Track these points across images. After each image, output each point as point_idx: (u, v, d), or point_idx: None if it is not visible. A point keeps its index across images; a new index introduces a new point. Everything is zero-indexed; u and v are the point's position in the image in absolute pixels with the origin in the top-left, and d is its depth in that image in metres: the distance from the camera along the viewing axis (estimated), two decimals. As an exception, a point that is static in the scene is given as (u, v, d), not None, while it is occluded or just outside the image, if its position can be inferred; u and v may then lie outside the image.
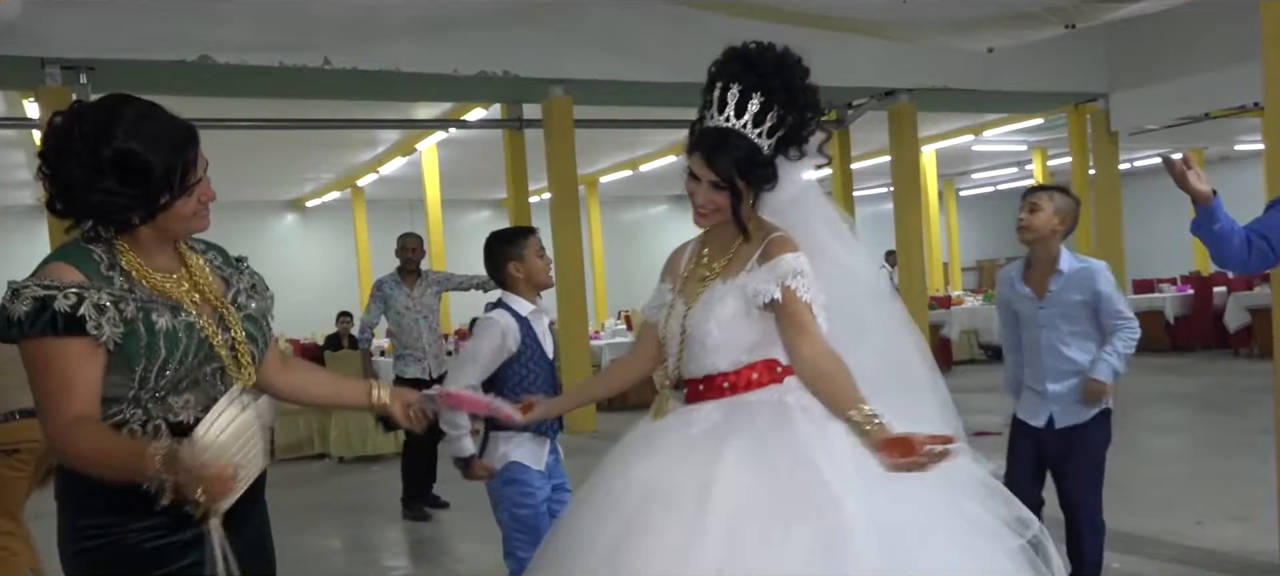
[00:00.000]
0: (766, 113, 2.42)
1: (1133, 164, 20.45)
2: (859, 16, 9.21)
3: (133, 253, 2.03)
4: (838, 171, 13.23)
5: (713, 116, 2.45)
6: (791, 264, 2.41)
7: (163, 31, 8.32)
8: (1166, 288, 15.64)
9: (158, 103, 2.03)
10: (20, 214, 17.69)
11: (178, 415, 2.02)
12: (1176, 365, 12.90)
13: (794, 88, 2.46)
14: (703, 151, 2.44)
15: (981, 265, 25.63)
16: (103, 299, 1.93)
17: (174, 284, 2.07)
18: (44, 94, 8.47)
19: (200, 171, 2.04)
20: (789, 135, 2.47)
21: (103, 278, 1.98)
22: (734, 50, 2.48)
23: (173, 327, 1.99)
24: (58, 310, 1.88)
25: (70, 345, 1.90)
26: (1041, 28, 9.04)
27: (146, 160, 1.94)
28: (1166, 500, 6.03)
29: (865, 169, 17.17)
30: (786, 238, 2.47)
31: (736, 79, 2.42)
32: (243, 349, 2.11)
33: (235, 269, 2.24)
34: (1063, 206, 4.02)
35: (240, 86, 9.33)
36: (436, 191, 15.41)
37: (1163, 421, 9.26)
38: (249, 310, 2.17)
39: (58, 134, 1.95)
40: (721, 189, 2.44)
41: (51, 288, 1.90)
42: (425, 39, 9.21)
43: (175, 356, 1.98)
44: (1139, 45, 12.36)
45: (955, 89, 11.96)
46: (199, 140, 2.04)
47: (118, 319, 1.93)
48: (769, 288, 2.40)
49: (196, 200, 2.04)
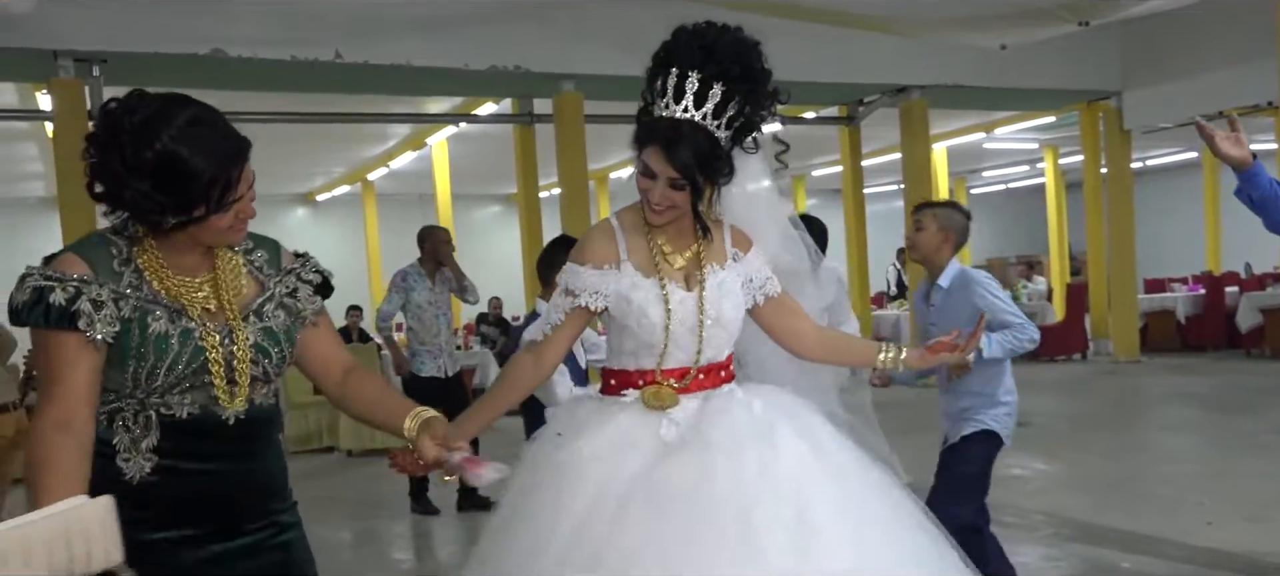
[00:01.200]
0: (727, 104, 2.28)
1: (1145, 162, 20.37)
2: (871, 12, 9.18)
3: (155, 250, 1.98)
4: (848, 168, 13.22)
5: (668, 106, 2.28)
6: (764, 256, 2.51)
7: (175, 25, 8.33)
8: (1178, 287, 15.58)
9: (217, 111, 1.94)
10: (32, 206, 17.73)
11: (173, 411, 1.98)
12: (1187, 365, 12.86)
13: (754, 76, 2.33)
14: (660, 145, 2.27)
15: (992, 264, 25.49)
16: (102, 295, 1.90)
17: (192, 287, 2.00)
18: (56, 86, 8.50)
19: (243, 188, 1.95)
20: (745, 124, 2.35)
21: (112, 273, 1.94)
22: (688, 32, 2.32)
23: (165, 333, 1.94)
24: (52, 303, 1.87)
25: (63, 338, 1.88)
26: (1055, 24, 9.01)
27: (190, 168, 1.87)
28: (1176, 500, 6.01)
29: (876, 166, 17.13)
30: (739, 227, 2.50)
31: (695, 67, 2.26)
32: (242, 367, 2.01)
33: (278, 271, 2.15)
34: (948, 222, 3.98)
35: (252, 80, 9.34)
36: (447, 186, 15.40)
37: (1173, 421, 9.22)
38: (271, 323, 2.08)
39: (108, 122, 1.89)
40: (680, 187, 2.29)
41: (52, 279, 1.89)
42: (436, 33, 9.21)
43: (165, 363, 1.93)
44: (1152, 43, 12.31)
45: (967, 86, 11.92)
46: (248, 156, 1.96)
47: (114, 316, 1.90)
48: (772, 280, 2.48)
49: (234, 215, 1.96)
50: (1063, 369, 13.45)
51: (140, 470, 1.97)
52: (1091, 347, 14.39)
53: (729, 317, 2.42)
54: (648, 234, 2.44)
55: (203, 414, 2.00)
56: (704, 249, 2.44)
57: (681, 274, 2.41)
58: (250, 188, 1.98)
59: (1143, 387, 11.51)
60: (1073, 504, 6.02)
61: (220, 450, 2.02)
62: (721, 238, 2.47)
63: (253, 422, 2.06)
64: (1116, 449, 7.90)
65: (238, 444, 2.04)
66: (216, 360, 1.98)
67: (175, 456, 1.98)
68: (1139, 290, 14.56)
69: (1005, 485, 6.68)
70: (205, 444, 2.01)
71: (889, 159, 15.90)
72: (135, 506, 1.91)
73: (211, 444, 2.01)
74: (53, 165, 9.78)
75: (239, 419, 2.03)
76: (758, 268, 2.48)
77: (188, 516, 2.00)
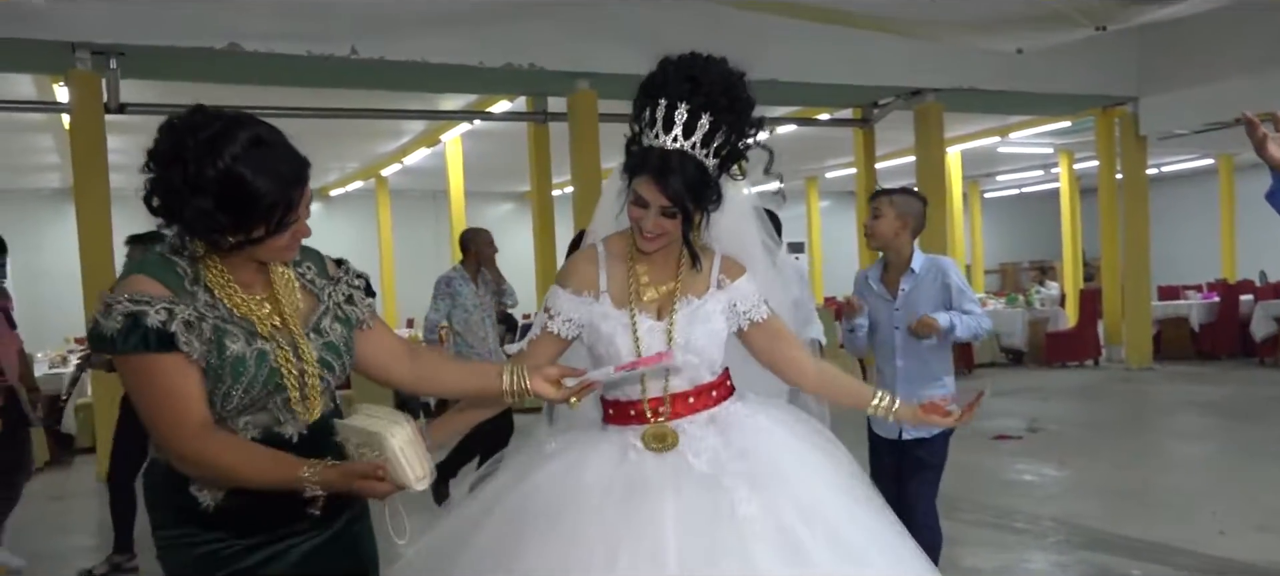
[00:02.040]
0: (715, 133, 2.32)
1: (1160, 168, 20.29)
2: (886, 14, 9.17)
3: (220, 267, 1.97)
4: (862, 171, 13.19)
5: (658, 136, 2.33)
6: (757, 286, 2.53)
7: (192, 18, 8.36)
8: (1192, 295, 15.51)
9: (280, 131, 1.94)
10: (47, 197, 17.84)
11: (241, 435, 1.98)
12: (1201, 373, 12.79)
13: (739, 105, 2.36)
14: (652, 175, 2.32)
15: (1005, 268, 25.47)
16: (190, 315, 1.89)
17: (256, 304, 2.00)
18: (74, 78, 8.54)
19: (302, 210, 1.95)
20: (731, 153, 2.40)
21: (186, 293, 1.92)
22: (674, 63, 2.37)
23: (243, 355, 1.93)
24: (149, 326, 1.84)
25: (165, 360, 1.86)
26: (1072, 29, 8.98)
27: (253, 190, 1.85)
28: (1188, 508, 5.98)
29: (890, 169, 17.09)
30: (731, 257, 2.53)
31: (683, 98, 2.31)
32: (313, 381, 2.02)
33: (329, 280, 2.16)
34: (905, 209, 4.01)
35: (267, 75, 9.37)
36: (460, 183, 15.43)
37: (1186, 429, 9.18)
38: (331, 337, 2.08)
39: (170, 137, 1.87)
40: (672, 215, 2.34)
41: (141, 302, 1.85)
42: (451, 30, 9.22)
43: (241, 384, 1.93)
44: (1170, 48, 12.25)
45: (982, 89, 11.88)
46: (309, 178, 1.95)
47: (203, 336, 1.90)
48: (759, 304, 2.49)
49: (291, 235, 1.96)
50: (1075, 375, 13.40)
51: (215, 498, 1.97)
52: (1104, 354, 14.34)
53: (700, 345, 2.43)
54: (630, 263, 2.49)
55: (265, 435, 1.99)
56: (685, 280, 2.47)
57: (654, 306, 2.45)
58: (307, 207, 1.97)
59: (1155, 395, 11.46)
60: (1083, 510, 6.00)
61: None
62: (710, 266, 2.49)
63: (313, 438, 2.05)
64: (1128, 456, 7.87)
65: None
66: (292, 377, 1.99)
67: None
68: (1153, 297, 14.49)
69: (1016, 490, 6.66)
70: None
71: (903, 162, 15.87)
72: (211, 529, 1.98)
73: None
74: (69, 157, 9.83)
75: (302, 436, 2.03)
76: (745, 293, 2.50)
77: (261, 526, 2.01)
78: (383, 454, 1.84)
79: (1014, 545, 5.39)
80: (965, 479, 6.86)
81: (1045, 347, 14.46)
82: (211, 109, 1.91)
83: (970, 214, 22.76)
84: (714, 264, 2.50)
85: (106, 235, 8.45)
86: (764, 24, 9.60)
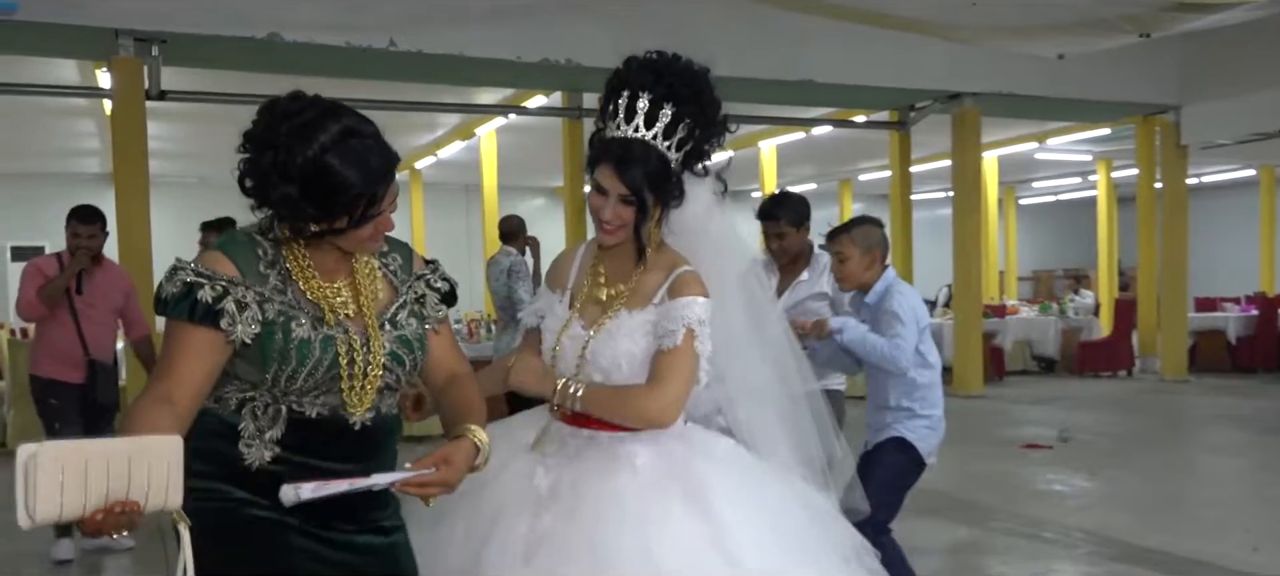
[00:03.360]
0: (677, 124, 2.31)
1: (1200, 178, 20.03)
2: (926, 17, 9.10)
3: (302, 252, 2.00)
4: (897, 174, 13.11)
5: (619, 126, 2.33)
6: (700, 311, 2.32)
7: (234, 7, 8.46)
8: (1230, 307, 15.31)
9: (372, 123, 1.95)
10: (87, 181, 18.05)
11: (304, 410, 2.01)
12: (1237, 386, 12.62)
13: (703, 100, 2.34)
14: (612, 163, 2.30)
15: (1038, 275, 25.25)
16: (247, 297, 1.92)
17: (333, 291, 2.03)
18: (116, 65, 8.66)
19: (386, 203, 1.96)
20: (695, 150, 2.37)
21: (258, 275, 1.96)
22: (639, 59, 2.36)
23: (308, 339, 1.95)
24: (200, 299, 1.89)
25: (197, 334, 1.90)
26: (1116, 35, 8.87)
27: (339, 180, 1.87)
28: (1221, 523, 5.90)
29: (925, 172, 16.99)
30: (696, 276, 2.37)
31: (646, 89, 2.30)
32: (375, 375, 2.03)
33: (411, 276, 2.17)
34: (867, 240, 3.82)
35: (306, 65, 9.44)
36: (494, 177, 15.49)
37: (1221, 443, 9.06)
38: (405, 330, 2.09)
39: (267, 121, 1.90)
40: (630, 203, 2.31)
41: (203, 276, 1.91)
42: (490, 24, 9.26)
43: (305, 368, 1.96)
44: (1213, 57, 12.09)
45: (1021, 95, 11.79)
46: (395, 173, 1.97)
47: (257, 318, 1.92)
48: (677, 330, 2.30)
49: (374, 227, 1.97)
50: (1108, 385, 13.27)
51: (261, 458, 2.00)
52: (1138, 364, 14.18)
53: (604, 365, 2.34)
54: (593, 262, 2.47)
55: (331, 415, 2.02)
56: (637, 287, 2.39)
57: (598, 309, 2.40)
58: (392, 201, 1.98)
59: (1190, 407, 11.32)
60: (1114, 522, 5.93)
61: (341, 452, 2.04)
62: (660, 276, 2.38)
63: (376, 430, 2.07)
64: (1161, 468, 7.78)
65: (358, 448, 2.06)
66: (347, 366, 2.00)
67: (296, 451, 2.01)
68: (1189, 308, 14.31)
69: (1047, 500, 6.61)
70: (329, 444, 2.03)
71: (939, 166, 15.77)
72: (249, 487, 1.99)
73: (334, 445, 2.03)
74: (109, 142, 9.95)
75: (365, 425, 2.05)
76: (675, 316, 2.31)
77: (296, 507, 1.98)
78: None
79: (1043, 555, 5.35)
80: (995, 487, 6.81)
81: (1078, 357, 14.33)
82: (310, 96, 1.93)
83: (1005, 220, 22.59)
84: (668, 278, 2.37)
85: (145, 220, 8.56)
86: (803, 24, 9.56)
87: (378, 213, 1.95)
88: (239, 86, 10.07)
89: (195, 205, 19.39)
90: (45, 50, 9.29)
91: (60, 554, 5.44)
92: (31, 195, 17.64)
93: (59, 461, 1.56)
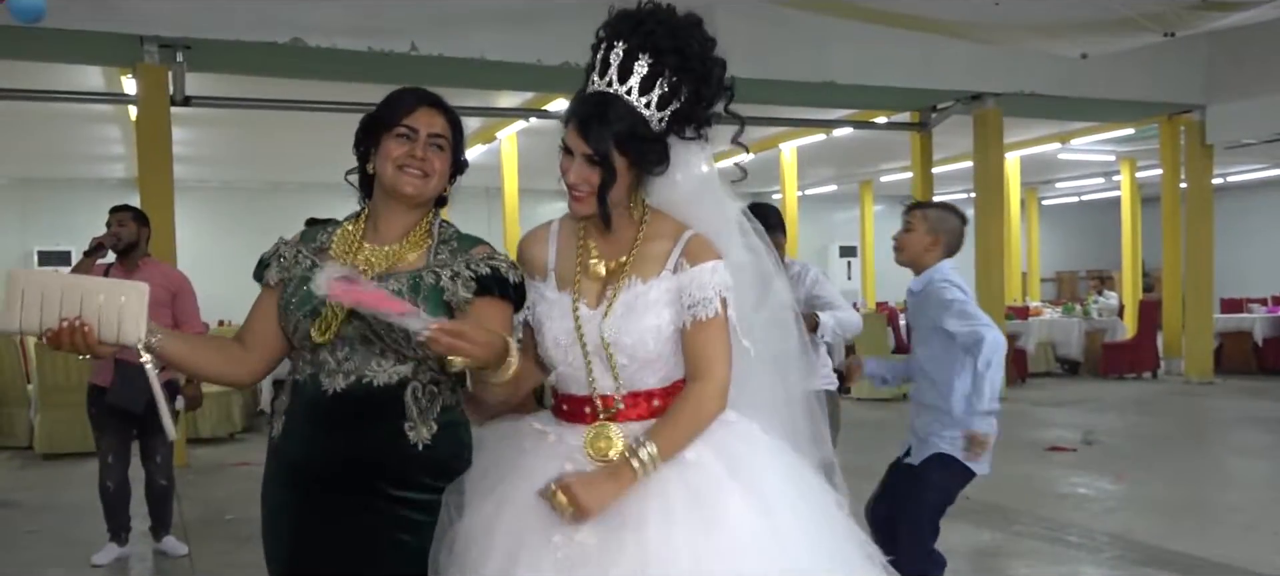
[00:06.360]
0: (655, 78, 2.02)
1: (1225, 178, 19.87)
2: (948, 17, 9.07)
3: (360, 222, 2.21)
4: (919, 175, 13.06)
5: (594, 82, 2.08)
6: (726, 276, 2.07)
7: (257, 13, 8.52)
8: (1257, 308, 15.18)
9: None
10: (113, 186, 18.17)
11: (298, 374, 2.13)
12: (1264, 388, 12.51)
13: (689, 53, 2.04)
14: (577, 120, 2.05)
15: (1061, 277, 25.07)
16: (285, 253, 2.19)
17: (363, 252, 2.15)
18: (141, 71, 8.73)
19: (412, 120, 2.14)
20: (684, 110, 2.07)
21: (314, 240, 2.21)
22: (622, 10, 2.09)
23: (311, 283, 1.98)
24: (260, 259, 2.22)
25: (261, 292, 2.21)
26: (1139, 34, 8.80)
27: (370, 116, 2.20)
28: (1248, 526, 5.85)
29: (947, 173, 16.90)
30: (707, 239, 2.11)
31: (621, 38, 2.04)
32: (339, 308, 2.01)
33: (453, 256, 2.13)
34: (940, 225, 3.70)
35: (329, 70, 9.50)
36: (514, 181, 15.52)
37: (1247, 445, 8.98)
38: (398, 285, 2.03)
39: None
40: (595, 164, 2.04)
41: (272, 248, 2.22)
42: (511, 27, 9.30)
43: (301, 311, 2.09)
44: (1239, 56, 11.99)
45: (1044, 95, 11.72)
46: (423, 105, 2.18)
47: (286, 265, 2.16)
48: (712, 298, 2.04)
49: (407, 153, 2.11)
50: (1133, 387, 13.17)
51: (276, 430, 2.18)
52: (1163, 366, 14.07)
53: (628, 343, 2.05)
54: (582, 237, 2.17)
55: (308, 382, 2.10)
56: (639, 257, 2.10)
57: (599, 285, 2.11)
58: (433, 138, 2.15)
59: (1215, 409, 11.22)
60: (1139, 526, 5.89)
61: (316, 420, 2.09)
62: (671, 245, 2.10)
63: (353, 400, 2.05)
64: (1186, 471, 7.71)
65: (331, 418, 2.06)
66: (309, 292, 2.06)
67: (289, 418, 2.15)
68: (1215, 309, 14.19)
69: (1071, 503, 6.57)
70: (308, 411, 2.10)
71: (961, 166, 15.70)
72: (270, 459, 2.19)
73: (314, 414, 2.09)
74: (135, 147, 10.03)
75: (337, 392, 2.06)
76: (701, 282, 2.05)
77: (289, 479, 2.14)
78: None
79: (1068, 559, 5.31)
80: (1019, 490, 6.77)
81: (1102, 358, 14.23)
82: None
83: (1027, 221, 22.46)
84: (678, 243, 2.10)
85: (169, 225, 8.62)
86: (825, 26, 9.54)
87: (400, 125, 2.12)
88: (262, 91, 10.13)
89: (220, 209, 19.56)
90: (71, 57, 9.37)
91: (100, 558, 5.48)
92: (58, 200, 17.80)
93: (24, 282, 1.91)
